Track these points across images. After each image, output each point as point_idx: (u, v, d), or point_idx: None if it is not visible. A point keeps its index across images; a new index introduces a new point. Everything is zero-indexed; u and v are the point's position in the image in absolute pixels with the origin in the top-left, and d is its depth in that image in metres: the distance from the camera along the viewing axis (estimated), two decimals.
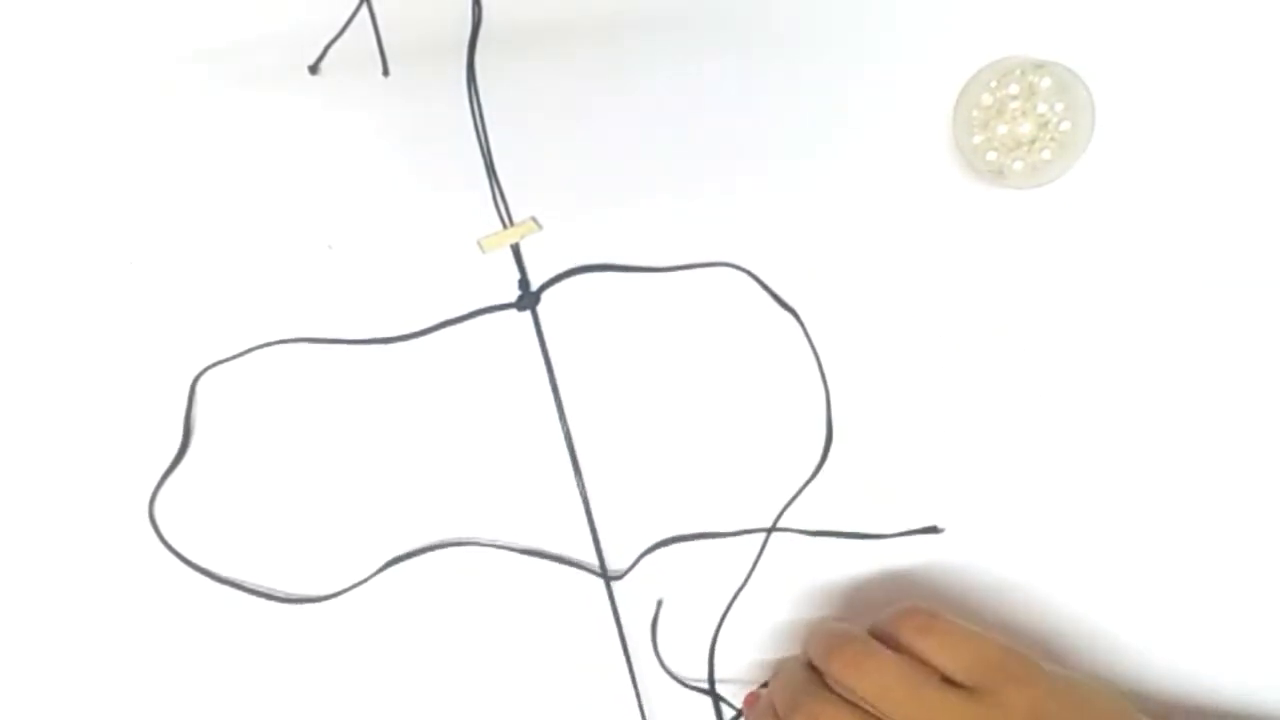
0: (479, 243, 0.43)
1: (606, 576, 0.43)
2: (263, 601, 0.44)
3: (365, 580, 0.44)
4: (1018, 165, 0.41)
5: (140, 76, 0.44)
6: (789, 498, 0.43)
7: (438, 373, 0.44)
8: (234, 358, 0.44)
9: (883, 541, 0.43)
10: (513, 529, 0.44)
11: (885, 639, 0.37)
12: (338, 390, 0.44)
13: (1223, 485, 0.42)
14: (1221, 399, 0.41)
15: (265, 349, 0.44)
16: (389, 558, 0.44)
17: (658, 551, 0.43)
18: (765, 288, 0.43)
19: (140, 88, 0.44)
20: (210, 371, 0.44)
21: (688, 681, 0.44)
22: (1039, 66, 0.40)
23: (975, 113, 0.41)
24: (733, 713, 0.43)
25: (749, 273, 0.43)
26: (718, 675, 0.44)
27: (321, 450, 0.44)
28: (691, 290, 0.43)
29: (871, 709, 0.36)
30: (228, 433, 0.44)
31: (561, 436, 0.43)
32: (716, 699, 0.43)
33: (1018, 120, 0.41)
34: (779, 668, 0.41)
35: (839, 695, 0.37)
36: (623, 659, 0.43)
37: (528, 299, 0.43)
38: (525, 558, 0.44)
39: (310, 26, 0.43)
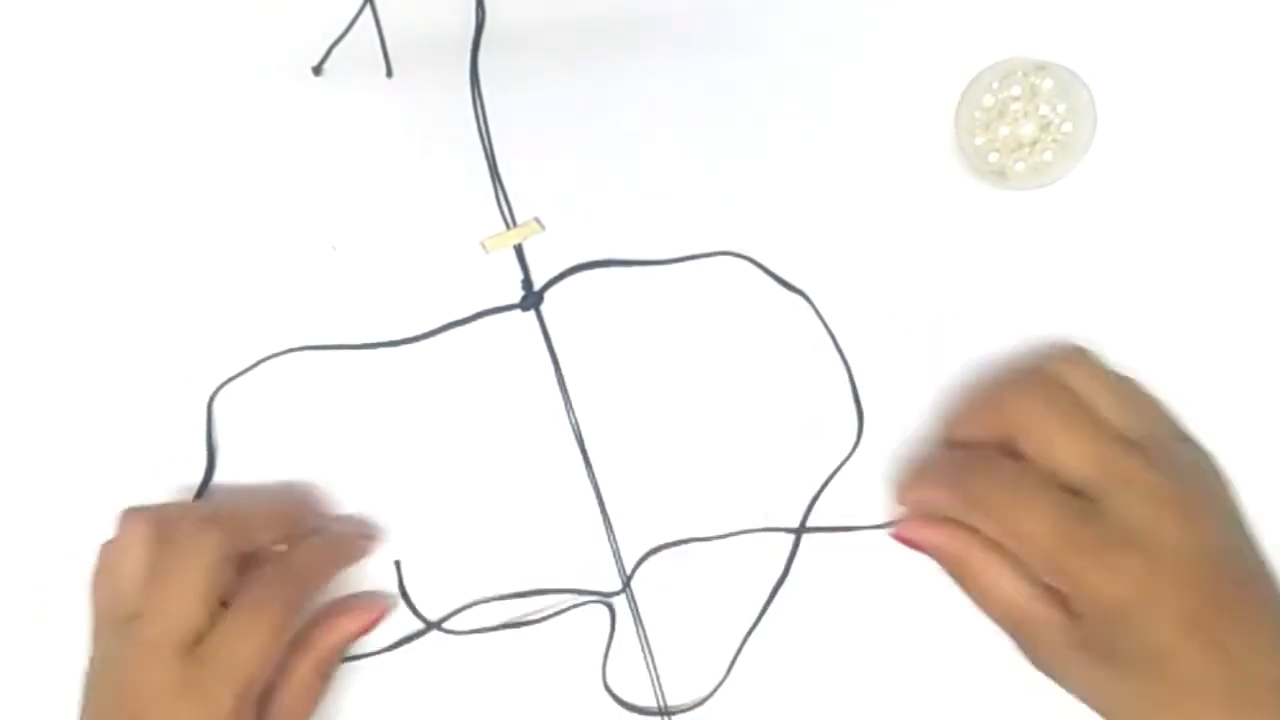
0: (482, 243, 0.43)
1: (626, 587, 0.44)
2: None
3: None
4: (1019, 166, 0.41)
5: (143, 77, 0.44)
6: (808, 492, 0.43)
7: (442, 375, 0.44)
8: (244, 372, 0.44)
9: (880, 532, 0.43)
10: (522, 530, 0.44)
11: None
12: (341, 394, 0.44)
13: None
14: (1223, 398, 0.41)
15: (274, 359, 0.44)
16: (396, 558, 0.44)
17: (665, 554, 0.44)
18: (769, 272, 0.43)
19: (143, 89, 0.44)
20: (225, 387, 0.44)
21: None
22: (1041, 68, 0.41)
23: (977, 114, 0.41)
24: None
25: (751, 260, 0.43)
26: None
27: (326, 454, 0.44)
28: (695, 285, 0.43)
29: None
30: (249, 446, 0.44)
31: (571, 436, 0.44)
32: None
33: (1019, 121, 0.41)
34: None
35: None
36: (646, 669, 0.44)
37: (531, 299, 0.44)
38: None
39: (314, 27, 0.43)
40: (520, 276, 0.44)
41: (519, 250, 0.44)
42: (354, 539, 0.43)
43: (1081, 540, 0.36)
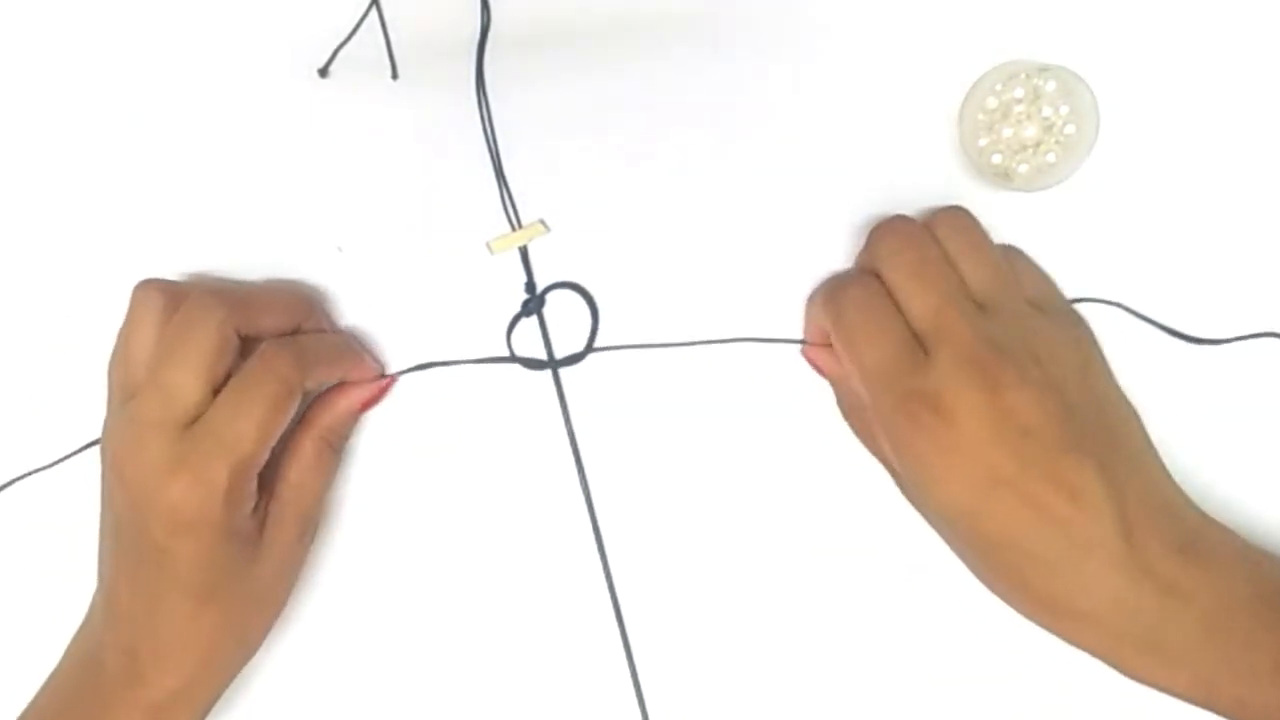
0: (488, 244, 0.44)
1: (614, 602, 0.43)
2: None
3: None
4: (1023, 168, 0.41)
5: (149, 79, 0.44)
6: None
7: (444, 376, 0.44)
8: None
9: None
10: (518, 531, 0.44)
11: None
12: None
13: (1225, 487, 0.42)
14: (1225, 399, 0.42)
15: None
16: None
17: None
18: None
19: (149, 90, 0.44)
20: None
21: None
22: (1044, 70, 0.41)
23: (980, 116, 0.41)
24: None
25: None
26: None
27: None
28: (698, 287, 0.43)
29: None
30: None
31: (567, 440, 0.44)
32: None
33: (1023, 123, 0.41)
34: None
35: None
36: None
37: (533, 302, 0.44)
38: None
39: (320, 29, 0.43)
40: (524, 280, 0.44)
41: (523, 252, 0.44)
42: (364, 354, 0.43)
43: (897, 386, 0.37)
